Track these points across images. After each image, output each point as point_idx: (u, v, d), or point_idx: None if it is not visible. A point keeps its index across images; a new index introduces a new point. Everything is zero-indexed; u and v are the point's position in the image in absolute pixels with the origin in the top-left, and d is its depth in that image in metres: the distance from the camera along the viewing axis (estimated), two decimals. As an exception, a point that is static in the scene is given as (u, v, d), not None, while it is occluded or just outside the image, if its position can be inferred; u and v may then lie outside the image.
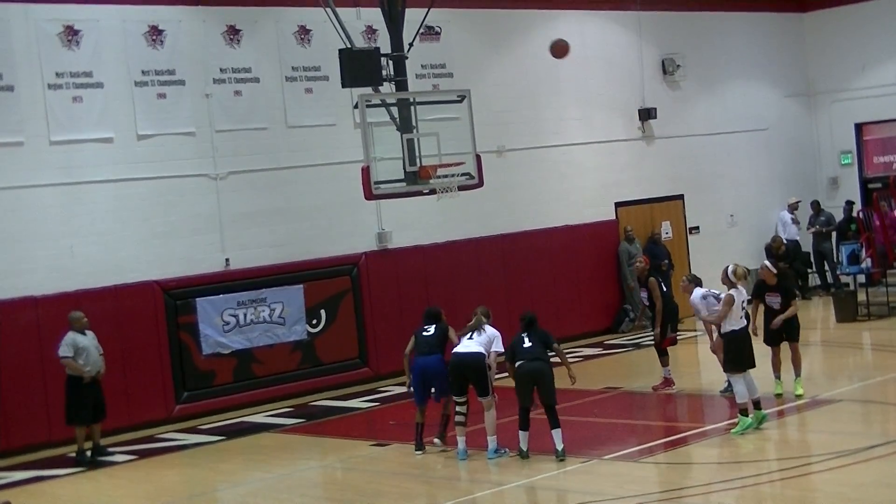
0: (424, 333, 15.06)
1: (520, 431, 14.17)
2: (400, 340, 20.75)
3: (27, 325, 17.43)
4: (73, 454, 16.26)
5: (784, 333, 16.21)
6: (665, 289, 17.57)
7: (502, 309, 21.95)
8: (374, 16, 19.15)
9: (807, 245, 27.28)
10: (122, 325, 18.22)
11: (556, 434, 13.89)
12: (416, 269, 21.40)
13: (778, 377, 16.26)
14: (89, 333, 16.37)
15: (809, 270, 27.29)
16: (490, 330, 14.63)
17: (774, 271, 16.35)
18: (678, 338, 18.34)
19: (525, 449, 14.08)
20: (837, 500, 11.62)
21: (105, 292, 18.21)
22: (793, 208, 27.15)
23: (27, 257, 17.70)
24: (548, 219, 23.47)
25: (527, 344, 14.14)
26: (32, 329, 17.42)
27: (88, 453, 16.25)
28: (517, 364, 14.10)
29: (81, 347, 16.15)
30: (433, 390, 14.94)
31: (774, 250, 25.34)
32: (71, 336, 16.16)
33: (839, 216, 26.81)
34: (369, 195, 17.17)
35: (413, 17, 18.34)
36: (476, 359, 14.32)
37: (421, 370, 14.88)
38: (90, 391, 16.18)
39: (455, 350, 14.57)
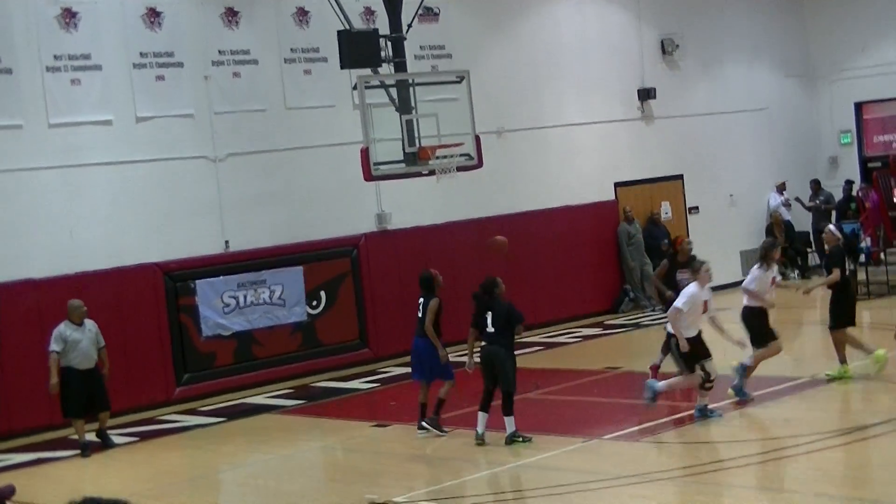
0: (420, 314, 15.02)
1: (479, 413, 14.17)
2: (400, 321, 20.85)
3: (28, 308, 17.44)
4: (75, 437, 16.05)
5: None
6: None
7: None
8: (373, -3, 19.11)
9: (805, 224, 27.30)
10: (123, 308, 18.22)
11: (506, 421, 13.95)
12: (415, 250, 21.38)
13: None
14: (88, 323, 15.93)
15: (809, 250, 27.31)
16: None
17: (838, 235, 16.37)
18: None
19: (480, 432, 14.04)
20: (838, 478, 11.66)
21: (105, 275, 18.21)
22: (781, 189, 27.16)
23: (27, 241, 17.69)
24: (547, 199, 23.45)
25: (490, 329, 14.07)
26: (33, 312, 17.42)
27: (95, 436, 16.01)
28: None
29: (71, 341, 15.70)
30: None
31: (776, 230, 25.43)
32: (60, 329, 15.73)
33: (839, 196, 26.82)
34: (368, 176, 17.16)
35: (411, -2, 18.33)
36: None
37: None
38: (83, 384, 15.75)
39: None
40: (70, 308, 15.94)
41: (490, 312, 13.94)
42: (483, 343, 14.05)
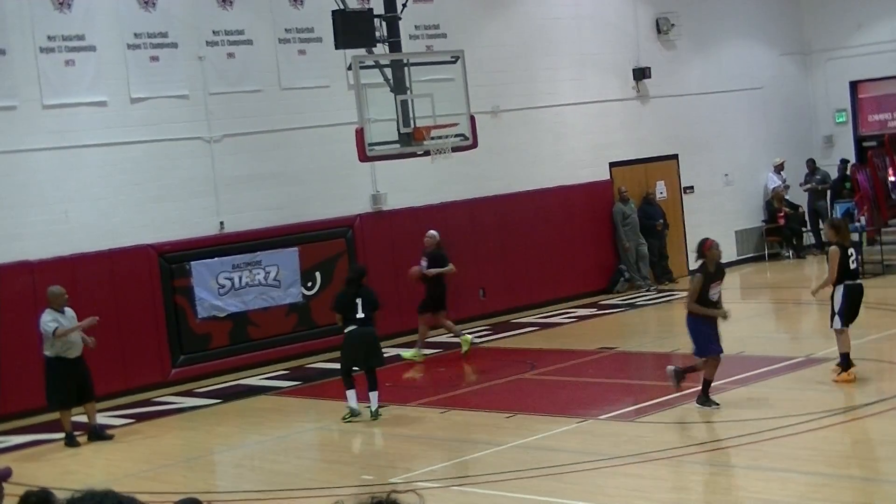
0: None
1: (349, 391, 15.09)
2: (395, 302, 20.87)
3: (23, 289, 17.40)
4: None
5: None
6: None
7: (496, 270, 22.04)
8: (367, -24, 19.03)
9: (802, 204, 27.31)
10: (118, 290, 18.21)
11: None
12: (410, 230, 21.36)
13: None
14: (68, 311, 15.42)
15: (804, 229, 27.33)
16: None
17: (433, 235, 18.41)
18: None
19: (355, 407, 14.97)
20: (833, 457, 11.69)
21: (100, 256, 18.20)
22: (778, 169, 27.16)
23: (22, 222, 17.66)
24: (542, 179, 23.43)
25: (360, 314, 14.83)
26: (28, 294, 17.38)
27: (87, 437, 15.47)
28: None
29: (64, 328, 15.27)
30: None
31: (776, 204, 25.53)
32: (51, 314, 15.23)
33: (834, 175, 26.83)
34: (363, 157, 17.13)
35: (406, -22, 18.23)
36: None
37: None
38: (73, 372, 15.24)
39: None
40: (52, 295, 15.37)
41: (360, 299, 14.87)
42: (353, 327, 14.87)
